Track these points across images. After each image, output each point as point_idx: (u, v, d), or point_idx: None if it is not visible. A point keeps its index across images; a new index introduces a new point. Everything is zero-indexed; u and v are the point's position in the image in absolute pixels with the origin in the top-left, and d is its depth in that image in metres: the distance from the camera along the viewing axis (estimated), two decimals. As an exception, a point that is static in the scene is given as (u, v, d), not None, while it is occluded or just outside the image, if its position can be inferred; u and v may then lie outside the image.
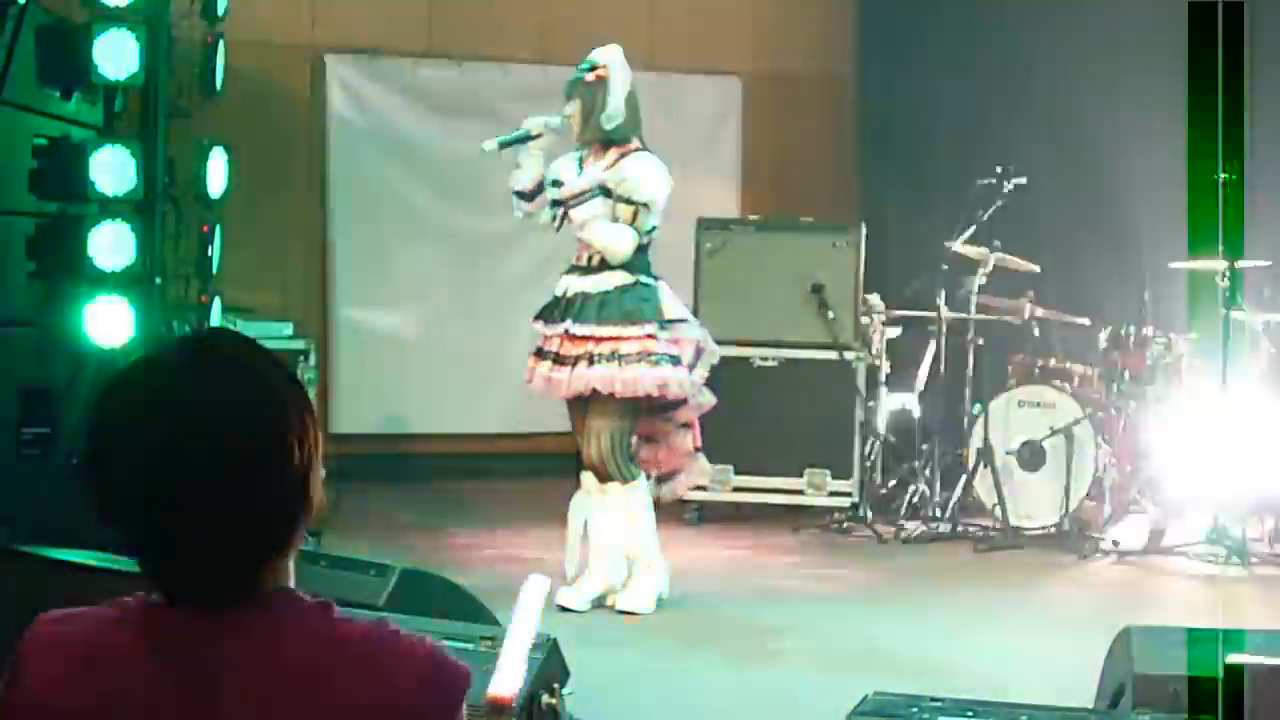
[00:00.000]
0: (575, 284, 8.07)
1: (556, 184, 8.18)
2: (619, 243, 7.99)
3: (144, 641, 2.18)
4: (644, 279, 8.04)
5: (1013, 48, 11.97)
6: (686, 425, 8.23)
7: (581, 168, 8.15)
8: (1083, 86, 11.84)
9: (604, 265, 8.04)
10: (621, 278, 8.00)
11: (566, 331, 7.98)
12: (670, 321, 8.05)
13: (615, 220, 8.01)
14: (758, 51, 12.96)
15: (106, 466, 2.18)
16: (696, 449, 8.28)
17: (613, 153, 8.08)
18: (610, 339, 7.89)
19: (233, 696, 2.15)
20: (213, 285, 9.06)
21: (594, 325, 7.92)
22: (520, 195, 8.29)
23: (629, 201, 7.98)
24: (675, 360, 7.97)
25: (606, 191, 8.03)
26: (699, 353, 8.17)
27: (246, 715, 2.15)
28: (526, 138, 8.15)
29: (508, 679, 2.57)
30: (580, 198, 8.08)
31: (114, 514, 2.19)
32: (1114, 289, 10.68)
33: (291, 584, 2.26)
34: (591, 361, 7.89)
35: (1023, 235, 10.74)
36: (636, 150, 8.08)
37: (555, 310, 8.10)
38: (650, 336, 7.91)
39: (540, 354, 8.13)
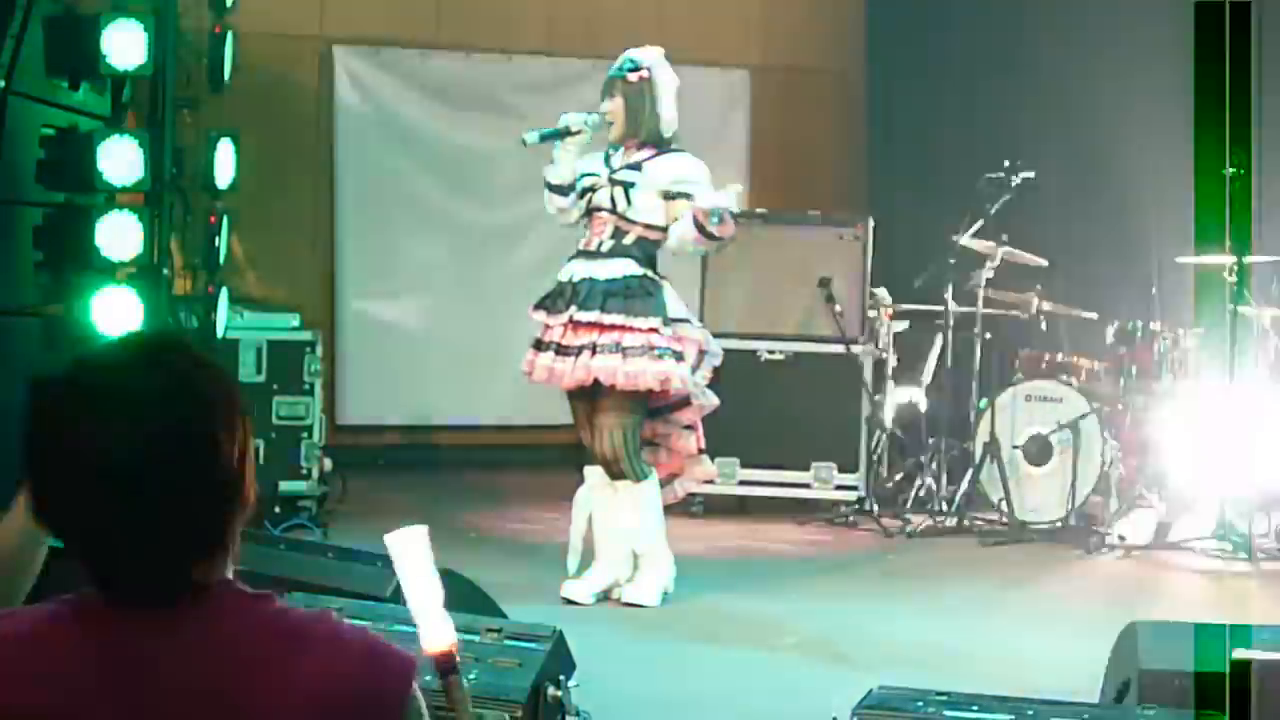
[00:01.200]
0: (582, 269, 8.06)
1: (589, 175, 8.15)
2: (692, 244, 8.05)
3: (84, 639, 2.18)
4: (650, 274, 8.04)
5: (1021, 41, 11.96)
6: (690, 427, 8.22)
7: (609, 164, 8.14)
8: (1091, 80, 11.83)
9: (614, 252, 8.02)
10: (630, 267, 7.99)
11: (571, 319, 7.96)
12: (673, 320, 8.04)
13: (673, 218, 8.02)
14: (765, 44, 12.96)
15: (43, 465, 2.20)
16: (700, 451, 8.27)
17: (651, 150, 8.07)
18: (614, 328, 7.88)
19: (173, 690, 2.16)
20: (220, 276, 9.05)
21: (598, 313, 7.91)
22: (555, 189, 8.23)
23: (687, 196, 7.98)
24: (678, 356, 7.96)
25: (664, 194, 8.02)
26: (701, 354, 8.16)
27: (188, 709, 2.15)
28: (566, 133, 8.11)
29: (433, 632, 2.58)
30: (620, 183, 8.05)
31: (51, 513, 2.21)
32: (1121, 284, 10.68)
33: (231, 575, 2.27)
34: (595, 352, 7.89)
35: (1030, 229, 10.74)
36: (677, 149, 8.10)
37: (559, 299, 8.07)
38: (654, 330, 7.90)
39: (540, 345, 8.11)
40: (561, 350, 7.98)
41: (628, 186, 8.03)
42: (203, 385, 2.21)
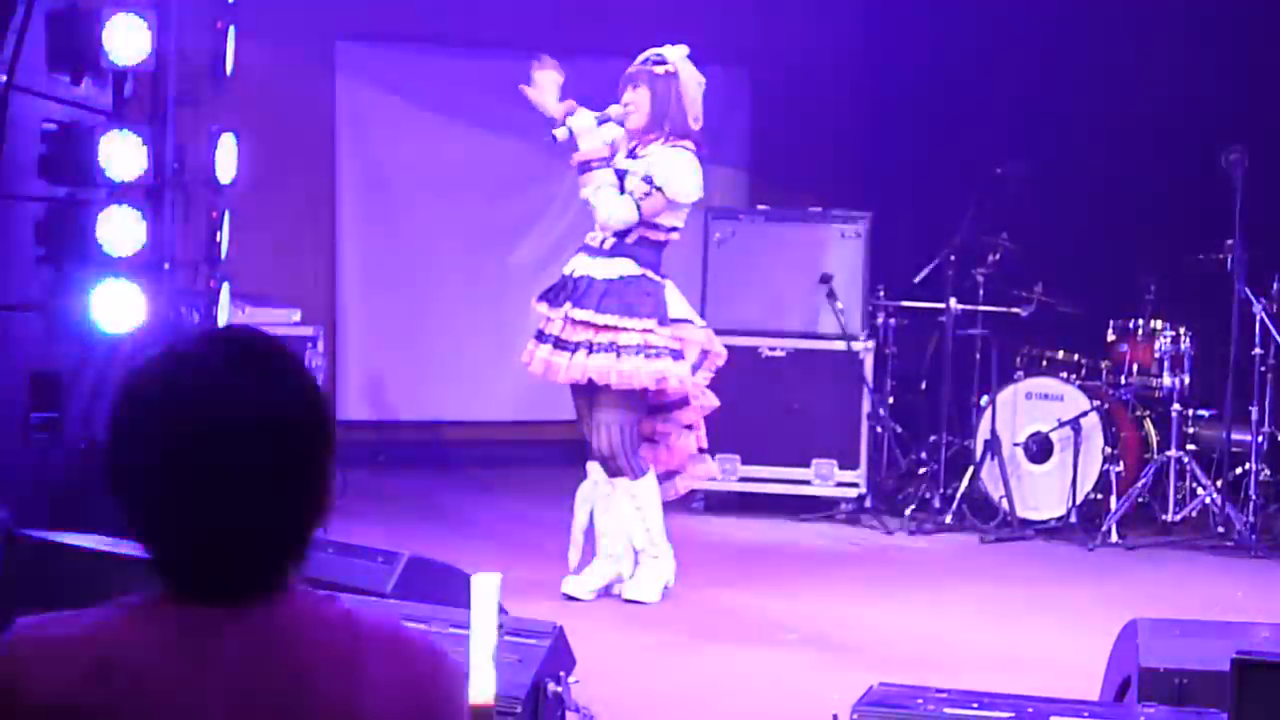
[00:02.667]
0: (583, 265, 8.07)
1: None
2: (616, 209, 7.97)
3: (155, 637, 2.16)
4: (650, 274, 8.03)
5: (1023, 39, 11.96)
6: (690, 426, 8.22)
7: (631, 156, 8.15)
8: (1091, 77, 11.84)
9: (616, 250, 8.02)
10: (629, 267, 7.99)
11: (566, 315, 7.98)
12: (674, 320, 8.04)
13: (626, 192, 8.00)
14: (768, 41, 12.94)
15: (134, 463, 2.16)
16: (701, 450, 8.27)
17: (659, 141, 8.07)
18: (608, 328, 7.89)
19: (245, 688, 2.15)
20: (221, 271, 9.05)
21: (592, 312, 7.92)
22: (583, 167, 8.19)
23: (646, 181, 7.96)
24: (676, 355, 7.96)
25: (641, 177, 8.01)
26: (704, 354, 8.17)
27: (259, 706, 2.15)
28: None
29: (482, 682, 2.58)
30: (596, 163, 8.03)
31: (139, 509, 2.17)
32: (1122, 281, 10.68)
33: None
34: (590, 350, 7.90)
35: (1031, 226, 10.74)
36: (680, 142, 8.08)
37: (561, 292, 8.09)
38: (649, 331, 7.90)
39: (541, 337, 8.12)
40: (560, 344, 7.99)
41: (622, 176, 8.04)
42: (288, 386, 2.20)
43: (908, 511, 10.38)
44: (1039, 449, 10.31)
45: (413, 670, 2.21)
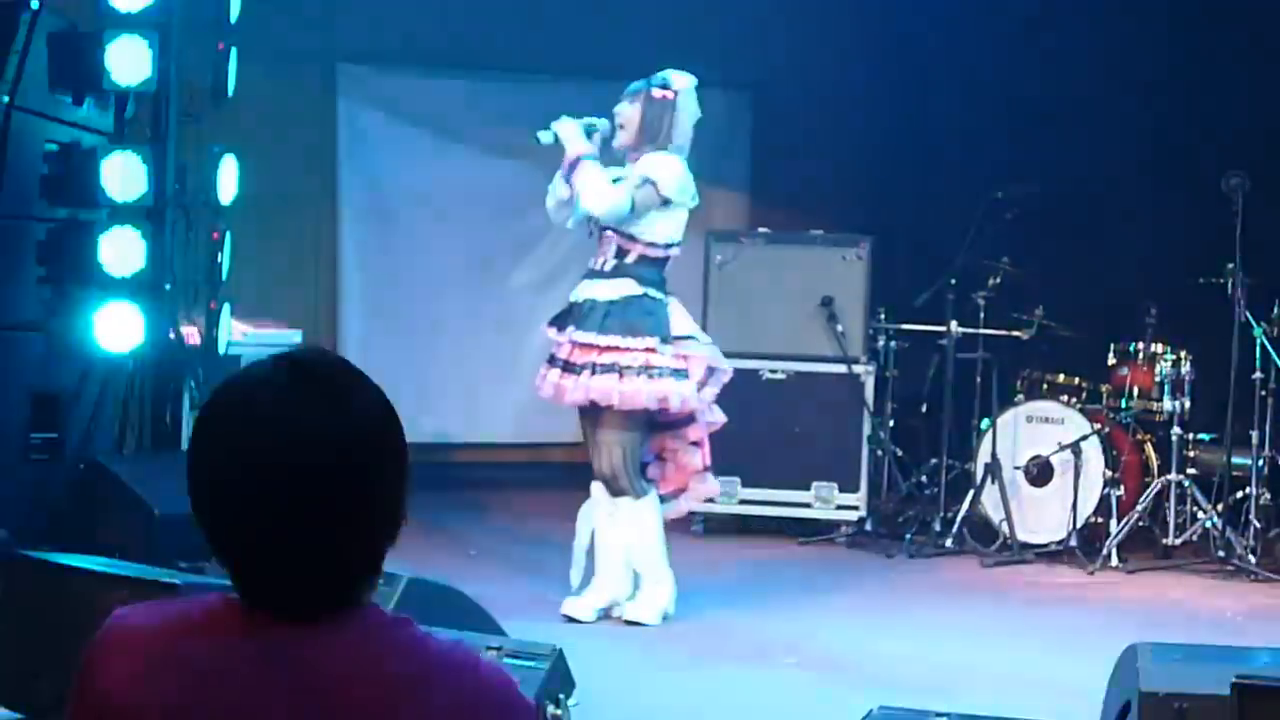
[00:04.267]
0: (588, 289, 8.08)
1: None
2: (606, 193, 7.95)
3: (241, 642, 2.18)
4: (652, 293, 8.03)
5: (1023, 62, 11.98)
6: (696, 443, 8.22)
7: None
8: (1092, 101, 11.85)
9: (617, 271, 8.02)
10: (630, 287, 7.99)
11: (570, 338, 7.99)
12: (678, 338, 8.04)
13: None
14: (770, 65, 12.96)
15: (201, 483, 2.20)
16: (705, 468, 8.27)
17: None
18: (610, 349, 7.89)
19: (335, 703, 2.16)
20: (222, 292, 9.06)
21: (595, 334, 7.93)
22: (566, 177, 8.18)
23: (641, 181, 7.97)
24: (680, 375, 7.96)
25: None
26: (710, 371, 8.16)
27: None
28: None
29: None
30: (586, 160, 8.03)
31: (217, 530, 2.20)
32: (1123, 304, 10.68)
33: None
34: (593, 372, 7.91)
35: (1032, 250, 10.74)
36: (673, 152, 8.09)
37: (567, 317, 8.11)
38: (651, 350, 7.90)
39: (552, 361, 8.14)
40: (568, 367, 8.00)
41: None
42: (360, 407, 2.23)
43: (908, 535, 10.36)
44: (1039, 472, 10.30)
45: (478, 701, 2.21)
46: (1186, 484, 10.10)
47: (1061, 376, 10.78)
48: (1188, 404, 10.33)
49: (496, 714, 2.23)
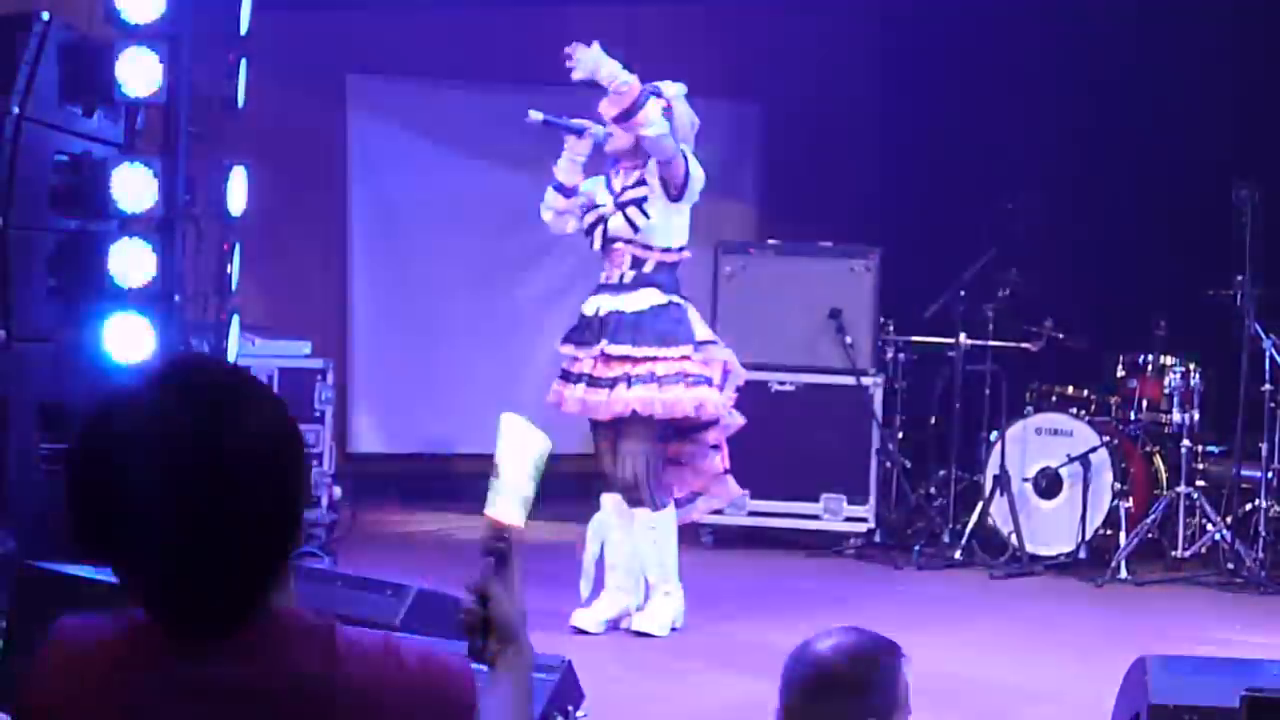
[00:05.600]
0: (607, 303, 8.06)
1: (595, 207, 8.16)
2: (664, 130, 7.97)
3: (159, 658, 2.21)
4: (676, 299, 8.05)
5: (1033, 74, 11.98)
6: (715, 447, 8.22)
7: (611, 188, 8.16)
8: (1102, 112, 11.85)
9: (638, 282, 8.03)
10: (655, 296, 8.00)
11: (602, 353, 7.97)
12: (701, 343, 8.07)
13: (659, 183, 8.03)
14: (781, 76, 12.96)
15: (81, 503, 2.19)
16: (725, 470, 8.27)
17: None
18: (646, 359, 7.90)
19: (241, 710, 2.18)
20: (231, 303, 9.07)
21: (630, 346, 7.92)
22: (559, 187, 8.21)
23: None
24: (709, 381, 8.00)
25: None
26: (726, 374, 8.17)
27: None
28: (570, 129, 8.13)
29: (506, 507, 2.59)
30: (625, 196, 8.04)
31: (94, 548, 2.20)
32: (1132, 316, 10.67)
33: (291, 604, 2.29)
34: (630, 383, 7.90)
35: (1041, 262, 10.74)
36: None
37: (587, 331, 8.08)
38: (686, 358, 7.94)
39: (568, 376, 8.12)
40: (594, 382, 7.99)
41: (639, 202, 8.04)
42: (233, 418, 2.19)
43: (916, 547, 10.36)
44: (1048, 484, 10.30)
45: (402, 678, 2.23)
46: (1195, 496, 10.09)
47: (1070, 388, 10.78)
48: (1197, 416, 10.33)
49: (422, 691, 2.24)
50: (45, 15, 7.82)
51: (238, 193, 8.86)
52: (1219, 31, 11.27)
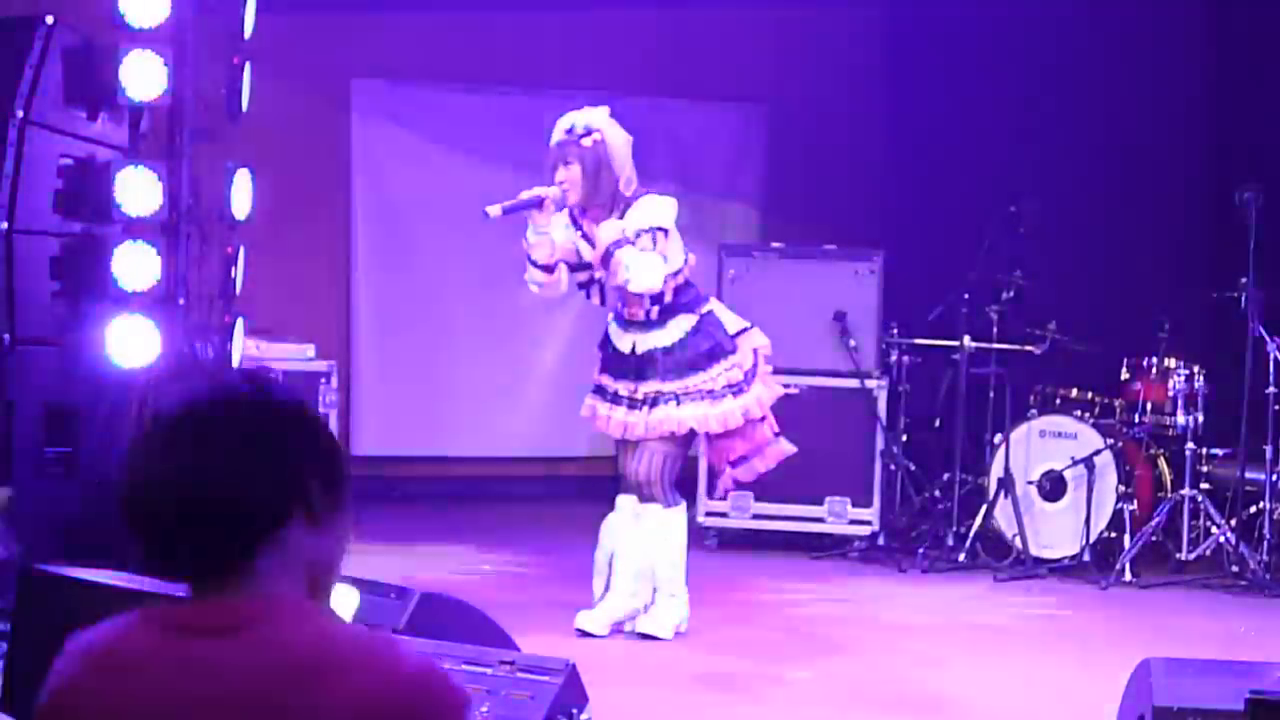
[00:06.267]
0: (643, 340, 8.02)
1: (583, 268, 8.14)
2: (648, 270, 7.88)
3: (158, 641, 2.32)
4: (703, 309, 8.06)
5: (1037, 76, 11.98)
6: (762, 418, 8.18)
7: (579, 229, 8.11)
8: (1107, 115, 11.85)
9: (664, 315, 8.00)
10: (688, 322, 8.00)
11: (658, 391, 7.95)
12: (736, 334, 8.10)
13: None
14: (784, 79, 12.97)
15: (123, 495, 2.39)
16: (776, 434, 8.25)
17: (619, 211, 8.02)
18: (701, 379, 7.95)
19: (228, 692, 2.25)
20: (236, 307, 9.07)
21: (685, 378, 7.93)
22: (539, 266, 8.21)
23: (646, 231, 7.93)
24: (750, 378, 8.02)
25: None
26: (756, 354, 8.19)
27: (244, 708, 2.24)
28: (530, 205, 8.02)
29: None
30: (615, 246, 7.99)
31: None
32: (1137, 319, 10.67)
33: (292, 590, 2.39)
34: (679, 401, 7.91)
35: (1045, 264, 10.74)
36: (636, 195, 8.04)
37: (624, 366, 8.05)
38: (731, 368, 7.97)
39: (603, 393, 8.12)
40: (634, 404, 7.99)
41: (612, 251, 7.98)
42: (201, 453, 2.34)
43: (921, 550, 10.35)
44: (1053, 487, 10.30)
45: (399, 685, 2.26)
46: (1200, 499, 10.09)
47: (1075, 391, 10.77)
48: (1201, 419, 10.32)
49: (416, 702, 2.27)
50: (50, 19, 7.83)
51: (242, 196, 8.87)
52: (1224, 33, 11.28)
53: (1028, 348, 10.66)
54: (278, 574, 2.34)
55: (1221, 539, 9.96)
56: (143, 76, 7.85)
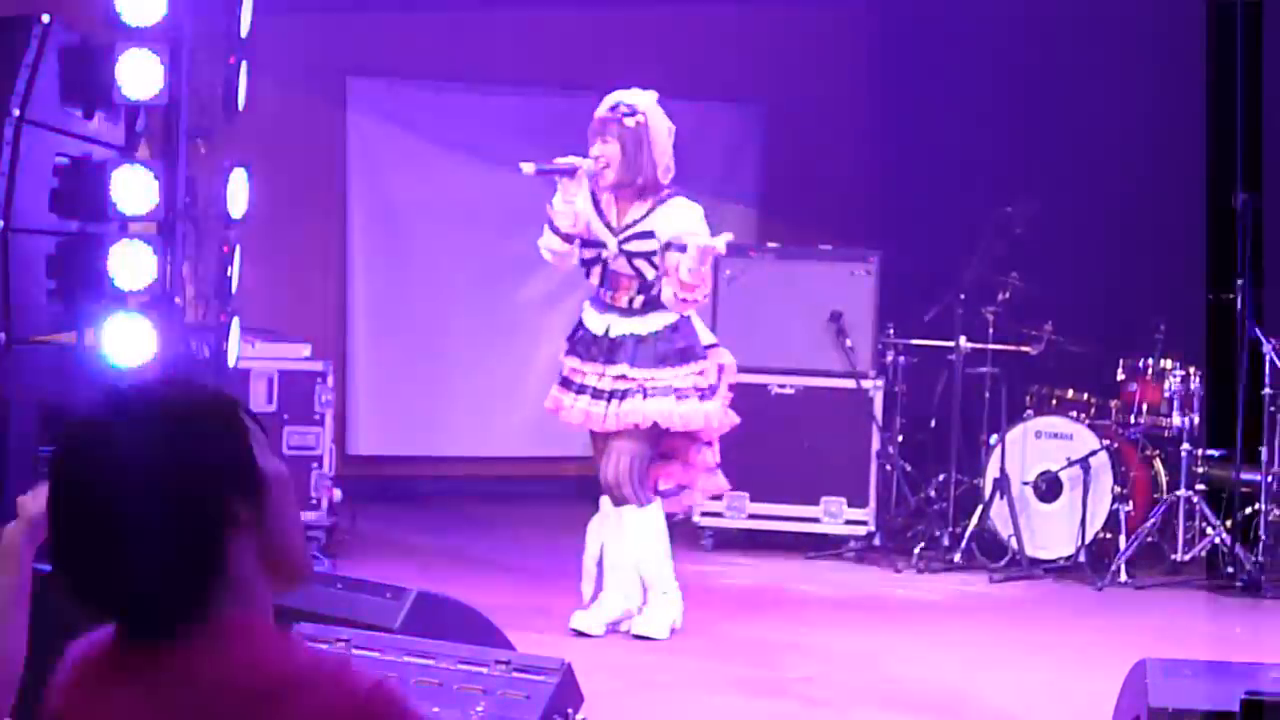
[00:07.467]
0: (619, 324, 8.03)
1: (594, 244, 8.13)
2: (708, 278, 8.01)
3: (115, 660, 2.35)
4: (685, 312, 8.06)
5: (1032, 77, 11.99)
6: (709, 443, 8.23)
7: (599, 210, 8.10)
8: (1101, 113, 11.85)
9: (647, 307, 8.02)
10: (669, 318, 8.01)
11: (623, 375, 7.95)
12: (707, 347, 8.11)
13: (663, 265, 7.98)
14: (781, 79, 12.96)
15: (52, 514, 2.40)
16: (717, 464, 8.28)
17: (648, 200, 8.01)
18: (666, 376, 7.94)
19: (203, 715, 2.26)
20: (232, 305, 9.06)
21: (654, 369, 7.92)
22: (559, 233, 8.19)
23: (678, 249, 7.90)
24: (714, 390, 8.03)
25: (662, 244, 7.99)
26: (721, 370, 8.19)
27: None
28: (564, 172, 8.02)
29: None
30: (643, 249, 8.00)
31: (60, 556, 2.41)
32: (1132, 320, 10.67)
33: (261, 609, 2.38)
34: (646, 394, 7.90)
35: (1041, 265, 10.74)
36: (670, 194, 8.04)
37: (594, 348, 8.05)
38: (700, 373, 7.97)
39: (569, 384, 8.11)
40: (598, 394, 7.98)
41: (648, 255, 7.99)
42: (111, 453, 2.33)
43: (916, 550, 10.36)
44: (1048, 488, 10.30)
45: (345, 709, 2.26)
46: (1195, 500, 10.09)
47: (1070, 392, 10.77)
48: (1196, 420, 10.33)
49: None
50: (46, 17, 7.82)
51: (238, 195, 8.86)
52: (1222, 35, 11.26)
53: (1023, 348, 10.66)
54: (233, 593, 2.33)
55: (1217, 540, 9.96)
56: (139, 75, 7.83)
